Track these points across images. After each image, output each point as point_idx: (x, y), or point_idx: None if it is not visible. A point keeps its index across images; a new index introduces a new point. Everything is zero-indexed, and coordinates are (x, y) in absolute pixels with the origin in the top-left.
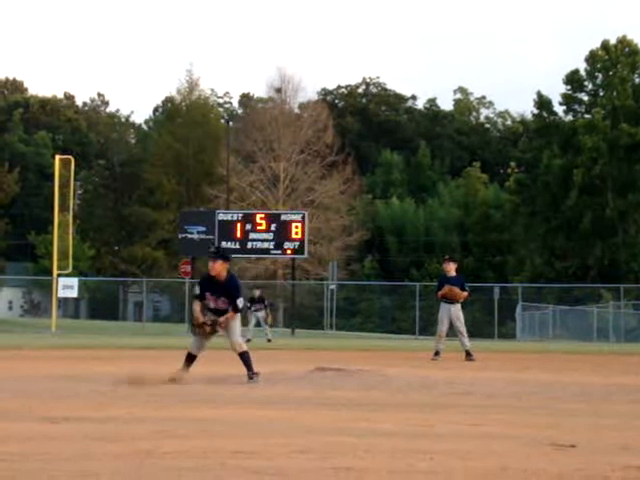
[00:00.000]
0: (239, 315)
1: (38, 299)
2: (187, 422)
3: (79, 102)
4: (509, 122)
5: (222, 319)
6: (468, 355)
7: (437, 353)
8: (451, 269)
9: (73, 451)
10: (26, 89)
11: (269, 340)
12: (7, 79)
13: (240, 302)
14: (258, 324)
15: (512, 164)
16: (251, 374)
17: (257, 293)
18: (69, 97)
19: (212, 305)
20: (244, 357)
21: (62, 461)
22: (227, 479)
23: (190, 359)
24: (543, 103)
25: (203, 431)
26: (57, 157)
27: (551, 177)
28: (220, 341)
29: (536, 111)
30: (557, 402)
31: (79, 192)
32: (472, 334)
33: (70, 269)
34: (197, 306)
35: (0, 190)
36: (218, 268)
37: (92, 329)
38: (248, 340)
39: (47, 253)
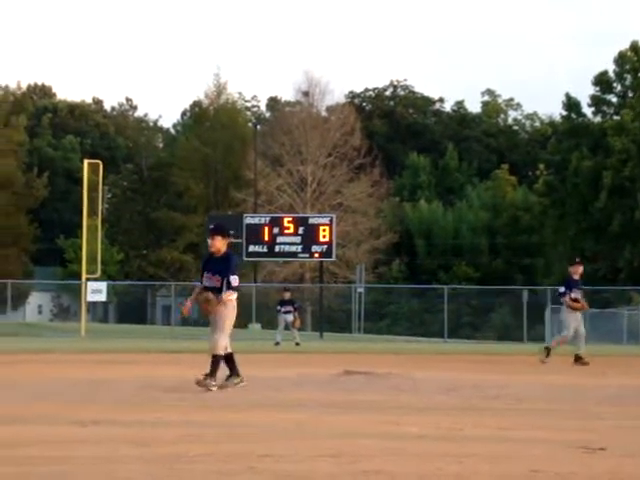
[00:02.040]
0: (233, 309)
1: (67, 303)
2: (215, 426)
3: (107, 107)
4: (537, 124)
5: (212, 296)
6: (580, 359)
7: (548, 353)
8: (580, 272)
9: (102, 454)
10: (55, 94)
11: (297, 344)
12: (36, 84)
13: (234, 279)
14: (287, 327)
15: (541, 166)
16: (208, 379)
17: (287, 295)
18: (97, 102)
19: (207, 283)
20: (215, 359)
21: (91, 464)
22: None
23: (229, 359)
24: (572, 105)
25: (231, 435)
26: (85, 161)
27: (580, 179)
28: (246, 346)
29: (565, 113)
30: (587, 405)
31: (107, 196)
32: (502, 337)
33: (99, 273)
34: (192, 298)
35: (29, 195)
36: (217, 244)
37: (120, 333)
38: (277, 343)
39: (76, 257)
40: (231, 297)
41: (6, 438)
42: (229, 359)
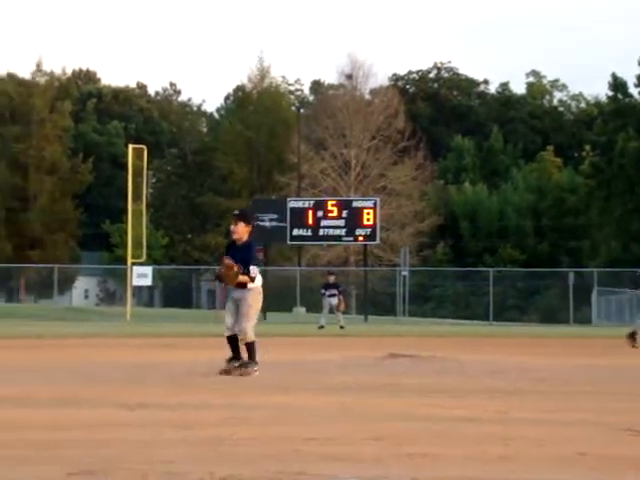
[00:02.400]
0: (258, 296)
1: (113, 287)
2: (260, 409)
3: (151, 91)
4: (583, 105)
5: (236, 268)
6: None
7: None
8: None
9: (148, 437)
10: (99, 79)
11: (342, 327)
12: (80, 70)
13: (253, 270)
14: (331, 310)
15: (587, 147)
16: (249, 365)
17: (331, 279)
18: (141, 87)
19: None
20: (249, 347)
21: (138, 447)
22: (302, 465)
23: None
24: (618, 85)
25: (277, 417)
26: (130, 146)
27: (626, 160)
28: (290, 329)
29: (611, 93)
30: (634, 387)
31: (152, 181)
32: (547, 320)
33: (144, 258)
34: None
35: (75, 180)
36: (240, 230)
37: (166, 317)
38: (321, 326)
39: (121, 242)
40: (253, 284)
41: (54, 421)
42: (235, 342)
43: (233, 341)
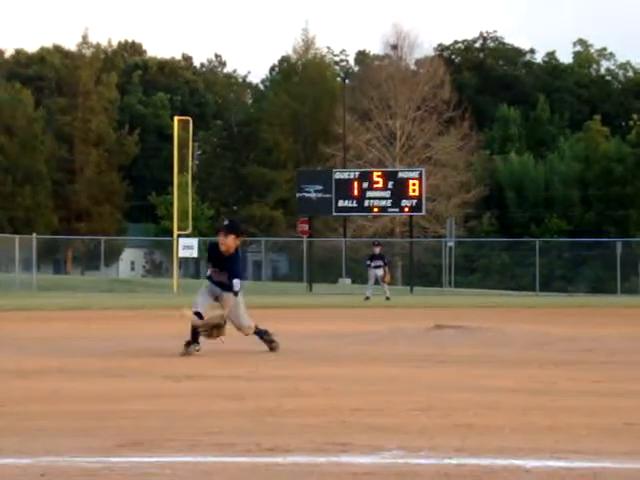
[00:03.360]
0: (240, 296)
1: (159, 259)
2: (309, 380)
3: (197, 63)
4: (631, 74)
5: (226, 312)
6: None
7: None
8: None
9: (196, 408)
10: (145, 51)
11: (387, 298)
12: (126, 41)
13: (236, 284)
14: (377, 282)
15: (634, 116)
16: (268, 337)
17: (377, 250)
18: (187, 58)
19: (215, 278)
20: (260, 334)
21: (186, 418)
22: (348, 436)
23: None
24: None
25: (325, 389)
26: (176, 118)
27: None
28: (337, 300)
29: None
30: None
31: (197, 153)
32: (594, 290)
33: (190, 229)
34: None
35: (121, 152)
36: (229, 244)
37: None
38: (367, 298)
39: (167, 214)
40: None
41: (102, 393)
42: (197, 330)
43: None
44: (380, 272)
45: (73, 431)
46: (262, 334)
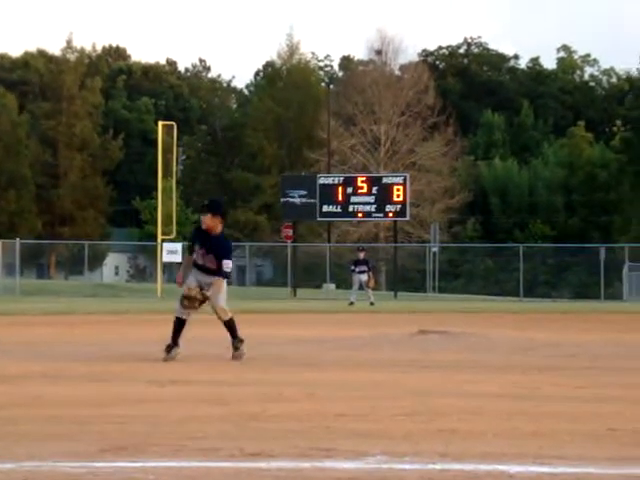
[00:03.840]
0: (223, 283)
1: (143, 264)
2: (293, 385)
3: (181, 68)
4: (614, 80)
5: (210, 293)
6: None
7: None
8: None
9: (180, 414)
10: (129, 56)
11: (372, 303)
12: (111, 46)
13: (227, 265)
14: (361, 287)
15: (618, 122)
16: (237, 343)
17: (361, 255)
18: (171, 63)
19: (200, 261)
20: (229, 324)
21: (170, 423)
22: (332, 441)
23: (180, 325)
24: None
25: (309, 394)
26: (160, 123)
27: None
28: (321, 305)
29: None
30: None
31: (182, 157)
32: (578, 296)
33: (174, 234)
34: (184, 266)
35: (105, 157)
36: (208, 222)
37: None
38: (351, 303)
39: (152, 218)
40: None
41: (86, 398)
42: (180, 328)
43: (180, 327)
44: (364, 277)
45: (57, 436)
46: (234, 334)
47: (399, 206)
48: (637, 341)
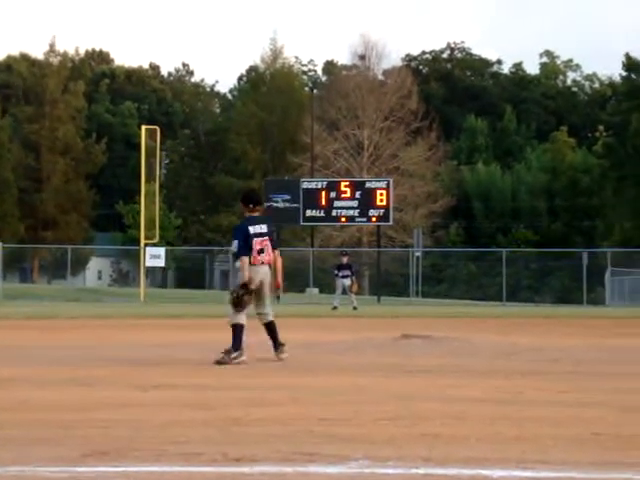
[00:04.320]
0: (240, 274)
1: (126, 268)
2: (276, 390)
3: (164, 72)
4: (597, 85)
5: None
6: None
7: None
8: None
9: (163, 418)
10: (112, 60)
11: (355, 308)
12: (94, 50)
13: (233, 245)
14: (344, 291)
15: (600, 128)
16: (225, 356)
17: (344, 260)
18: (154, 67)
19: None
20: (235, 332)
21: (152, 428)
22: (315, 446)
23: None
24: (632, 65)
25: (292, 398)
26: (143, 127)
27: None
28: (304, 310)
29: (625, 73)
30: None
31: (165, 162)
32: (561, 300)
33: (157, 239)
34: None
35: (88, 161)
36: (240, 211)
37: (179, 298)
38: (335, 307)
39: (135, 223)
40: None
41: (68, 402)
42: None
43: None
44: (347, 282)
45: (41, 440)
46: (236, 337)
47: (382, 211)
48: (619, 346)
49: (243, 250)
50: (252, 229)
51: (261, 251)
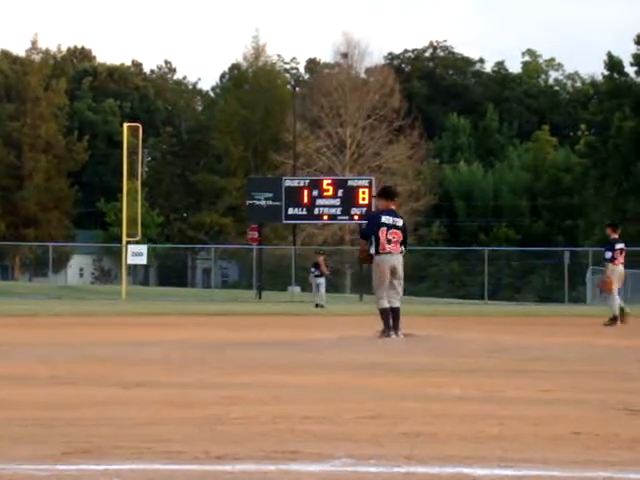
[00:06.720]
0: (376, 267)
1: (108, 266)
2: (257, 388)
3: (146, 70)
4: (579, 84)
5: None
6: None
7: None
8: None
9: (145, 416)
10: (94, 57)
11: (321, 306)
12: (76, 47)
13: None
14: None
15: (582, 127)
16: (384, 332)
17: (320, 258)
18: (137, 65)
19: None
20: (385, 319)
21: (134, 426)
22: (297, 444)
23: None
24: (614, 64)
25: (273, 397)
26: (125, 125)
27: (622, 139)
28: (286, 308)
29: (606, 72)
30: (629, 366)
31: (147, 159)
32: (542, 299)
33: (139, 236)
34: None
35: (70, 158)
36: (379, 205)
37: (161, 296)
38: (317, 305)
39: (117, 220)
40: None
41: (49, 400)
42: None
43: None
44: (320, 280)
45: (21, 438)
46: (385, 319)
47: (364, 209)
48: (602, 344)
49: (366, 233)
50: (385, 219)
51: (389, 241)
